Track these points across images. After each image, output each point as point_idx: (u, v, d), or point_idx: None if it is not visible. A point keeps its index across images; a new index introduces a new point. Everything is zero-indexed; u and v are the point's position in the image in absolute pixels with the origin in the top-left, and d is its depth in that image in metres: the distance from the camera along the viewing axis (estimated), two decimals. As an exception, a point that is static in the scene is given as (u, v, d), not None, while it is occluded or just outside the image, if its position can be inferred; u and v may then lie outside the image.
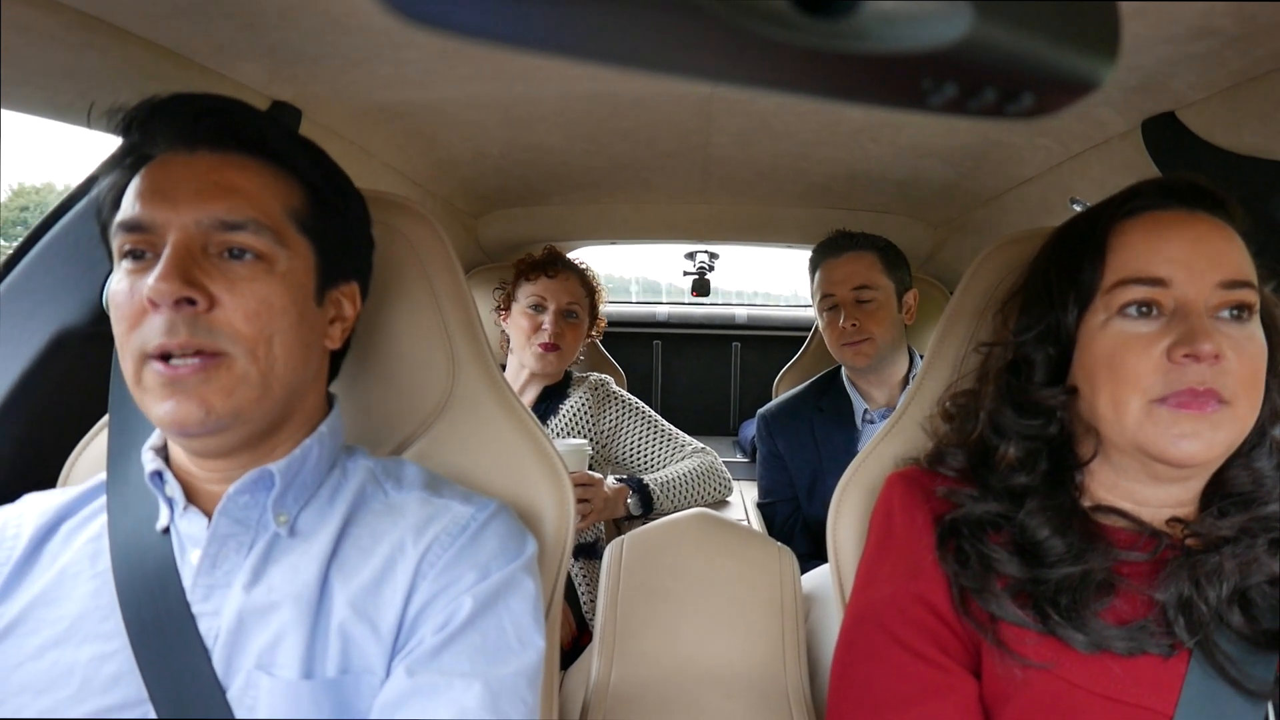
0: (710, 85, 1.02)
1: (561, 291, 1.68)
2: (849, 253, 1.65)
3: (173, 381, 0.62)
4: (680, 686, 1.05)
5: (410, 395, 0.89)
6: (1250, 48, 0.81)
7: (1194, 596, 0.66)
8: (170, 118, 0.67)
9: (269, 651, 0.64)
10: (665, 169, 1.65)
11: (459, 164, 1.60)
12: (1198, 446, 0.66)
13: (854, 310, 1.62)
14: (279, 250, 0.67)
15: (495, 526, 0.73)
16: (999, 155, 1.43)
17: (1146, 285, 0.69)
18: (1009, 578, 0.70)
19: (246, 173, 0.68)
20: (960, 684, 0.71)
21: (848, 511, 0.92)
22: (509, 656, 0.67)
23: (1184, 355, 0.66)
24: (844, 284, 1.64)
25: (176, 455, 0.72)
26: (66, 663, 0.64)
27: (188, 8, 0.81)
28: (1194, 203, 0.72)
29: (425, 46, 0.96)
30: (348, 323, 0.77)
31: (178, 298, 0.61)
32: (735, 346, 2.99)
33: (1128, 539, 0.71)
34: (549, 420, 1.67)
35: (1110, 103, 1.04)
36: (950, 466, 0.80)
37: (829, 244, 1.69)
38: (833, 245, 1.68)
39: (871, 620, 0.76)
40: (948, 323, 0.94)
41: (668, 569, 1.13)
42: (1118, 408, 0.69)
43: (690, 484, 1.67)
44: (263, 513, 0.70)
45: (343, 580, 0.67)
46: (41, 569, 0.70)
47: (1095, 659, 0.66)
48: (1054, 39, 0.22)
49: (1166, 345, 0.67)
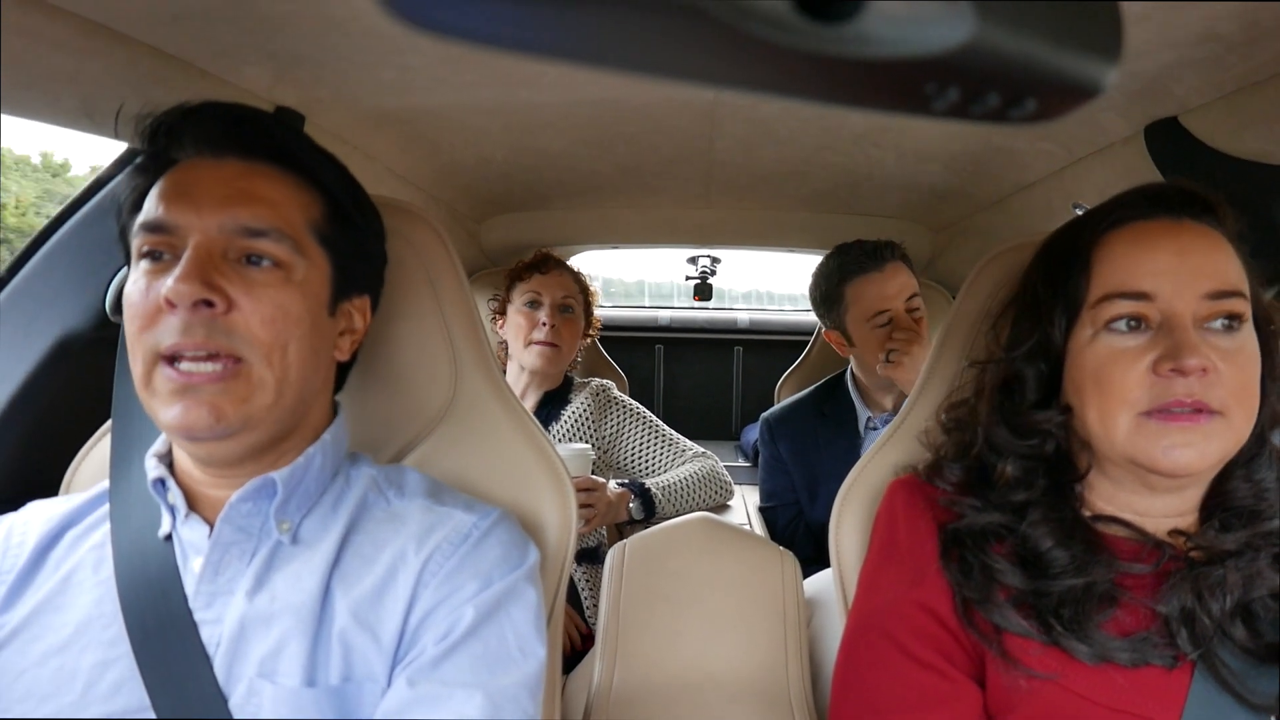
0: (714, 91, 1.02)
1: (556, 286, 1.68)
2: (892, 263, 1.55)
3: (185, 387, 0.62)
4: (682, 691, 1.04)
5: (413, 400, 0.89)
6: (1253, 52, 0.81)
7: (1196, 609, 0.66)
8: (201, 124, 0.68)
9: (271, 659, 0.64)
10: (668, 174, 1.65)
11: (462, 169, 1.60)
12: (1190, 456, 0.65)
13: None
14: (298, 259, 0.68)
15: (497, 535, 0.73)
16: (1001, 160, 1.43)
17: (1131, 300, 0.68)
18: (1012, 589, 0.70)
19: (271, 182, 0.68)
20: (964, 692, 0.71)
21: (850, 517, 0.92)
22: (510, 666, 0.66)
23: (1170, 370, 0.65)
24: (899, 296, 1.53)
25: (179, 462, 0.72)
26: (69, 669, 0.64)
27: (190, 13, 0.81)
28: (1181, 210, 0.71)
29: (428, 52, 0.96)
30: (357, 335, 0.78)
31: (197, 299, 0.62)
32: (737, 351, 2.99)
33: (1131, 550, 0.71)
34: (551, 425, 1.67)
35: (1113, 107, 1.04)
36: (948, 480, 0.80)
37: (863, 256, 1.57)
38: (870, 256, 1.56)
39: (874, 627, 0.76)
40: (948, 330, 0.93)
41: (670, 573, 1.13)
42: (1106, 422, 0.69)
43: (692, 488, 1.67)
44: (265, 521, 0.70)
45: (345, 589, 0.67)
46: (45, 576, 0.70)
47: (1099, 670, 0.66)
48: (1057, 44, 0.22)
49: (1152, 359, 0.66)
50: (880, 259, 1.55)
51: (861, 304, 1.56)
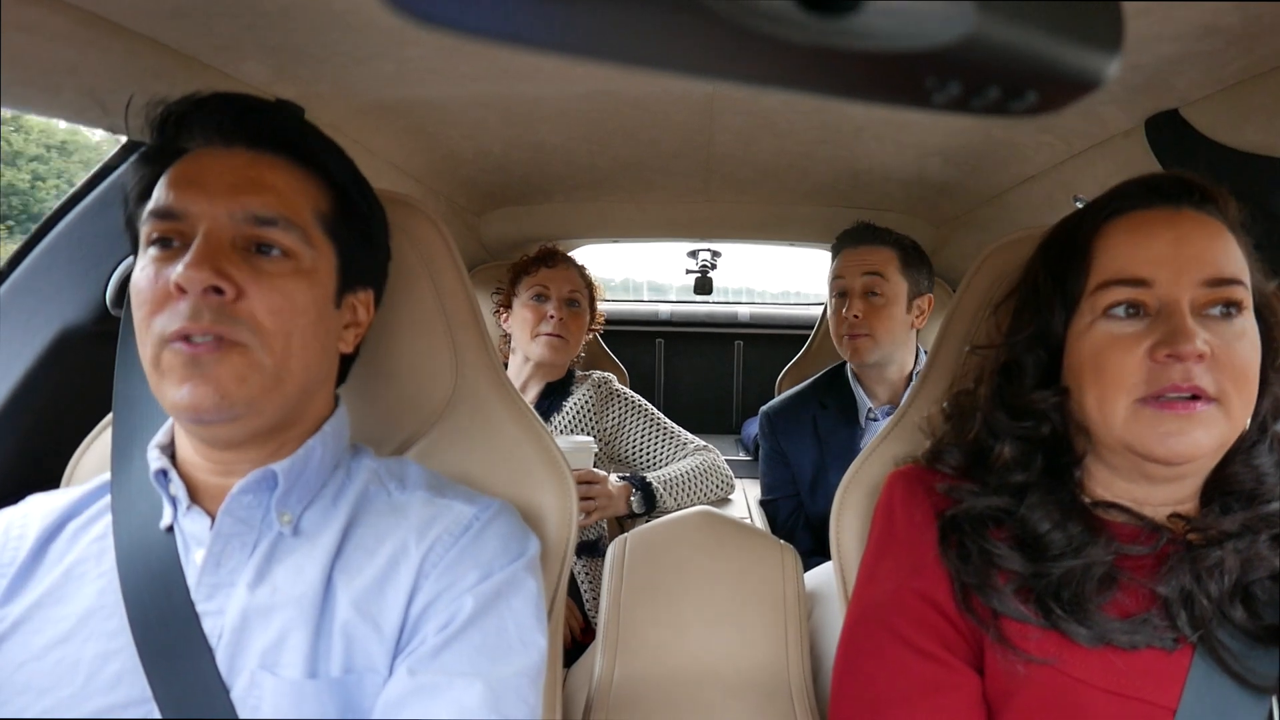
0: (713, 84, 1.02)
1: (563, 280, 1.69)
2: (868, 244, 1.65)
3: (192, 360, 0.63)
4: (683, 684, 1.05)
5: (414, 393, 0.89)
6: (1254, 45, 0.80)
7: (1195, 590, 0.66)
8: (210, 114, 0.69)
9: (273, 651, 0.64)
10: (667, 167, 1.65)
11: (461, 162, 1.60)
12: (1185, 445, 0.65)
13: (860, 302, 1.61)
14: (305, 249, 0.68)
15: (497, 526, 0.74)
16: (1002, 153, 1.42)
17: (1129, 286, 0.69)
18: (1011, 573, 0.70)
19: (280, 172, 0.69)
20: (963, 680, 0.71)
21: (850, 509, 0.92)
22: (510, 656, 0.67)
23: (1166, 355, 0.65)
24: (855, 272, 1.63)
25: (181, 453, 0.72)
26: (70, 661, 0.64)
27: (190, 7, 0.81)
28: (1180, 199, 0.71)
29: (427, 44, 0.96)
30: (361, 328, 0.78)
31: (207, 285, 0.62)
32: (738, 345, 2.99)
33: (1129, 533, 0.71)
34: (551, 418, 1.67)
35: (1114, 100, 1.04)
36: (948, 464, 0.80)
37: (853, 232, 1.68)
38: (855, 234, 1.67)
39: (874, 617, 0.77)
40: (949, 322, 0.94)
41: (670, 567, 1.13)
42: (1104, 408, 0.69)
43: (693, 482, 1.67)
44: (266, 512, 0.70)
45: (346, 580, 0.68)
46: (47, 569, 0.70)
47: (1098, 653, 0.66)
48: (1058, 37, 0.22)
49: (1149, 345, 0.67)
50: (861, 238, 1.66)
51: (832, 273, 1.70)
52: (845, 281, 1.64)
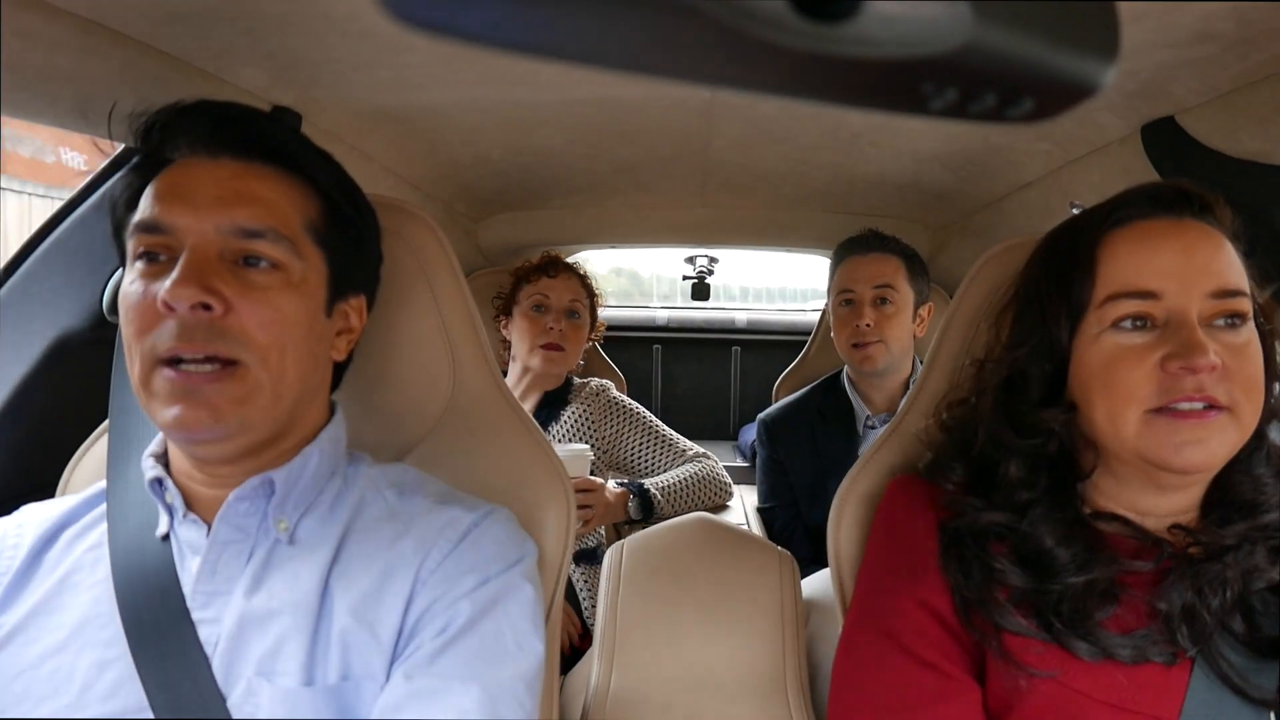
0: (711, 90, 1.03)
1: (564, 291, 1.68)
2: (876, 253, 1.63)
3: (184, 388, 0.62)
4: (680, 691, 1.04)
5: (411, 401, 0.89)
6: (1249, 52, 0.81)
7: (1196, 604, 0.66)
8: (195, 123, 0.68)
9: (269, 659, 0.64)
10: (665, 173, 1.65)
11: (459, 168, 1.60)
12: (1201, 454, 0.65)
13: (872, 310, 1.59)
14: (294, 260, 0.68)
15: (494, 532, 0.73)
16: (999, 160, 1.43)
17: (1138, 299, 0.68)
18: (1012, 588, 0.70)
19: (267, 182, 0.68)
20: (964, 690, 0.71)
21: (848, 517, 0.92)
22: (507, 661, 0.66)
23: (1179, 368, 0.65)
24: (867, 282, 1.61)
25: (176, 462, 0.72)
26: (66, 670, 0.64)
27: (188, 13, 0.81)
28: (1181, 209, 0.71)
29: (425, 51, 0.96)
30: (353, 335, 0.78)
31: (195, 303, 0.62)
32: (735, 351, 2.99)
33: (1131, 548, 0.71)
34: (550, 427, 1.67)
35: (1110, 107, 1.04)
36: (949, 479, 0.79)
37: (857, 241, 1.66)
38: (861, 242, 1.65)
39: (873, 625, 0.76)
40: (946, 329, 0.93)
41: (668, 573, 1.13)
42: (1115, 420, 0.69)
43: (691, 489, 1.67)
44: (263, 520, 0.69)
45: (344, 588, 0.67)
46: (42, 578, 0.70)
47: (1099, 667, 0.66)
48: (1054, 43, 0.22)
49: (1160, 356, 0.66)
50: (868, 246, 1.64)
51: (836, 282, 1.67)
52: (855, 293, 1.62)
